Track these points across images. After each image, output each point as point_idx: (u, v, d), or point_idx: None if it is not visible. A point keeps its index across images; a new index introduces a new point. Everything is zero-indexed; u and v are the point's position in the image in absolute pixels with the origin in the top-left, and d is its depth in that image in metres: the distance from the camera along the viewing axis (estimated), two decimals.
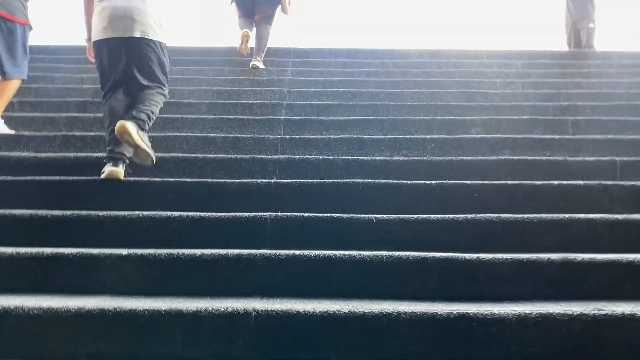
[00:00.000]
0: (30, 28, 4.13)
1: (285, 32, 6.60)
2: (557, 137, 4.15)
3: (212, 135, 4.11)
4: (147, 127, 3.22)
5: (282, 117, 4.51)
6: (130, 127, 3.05)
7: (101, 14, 3.25)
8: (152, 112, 3.25)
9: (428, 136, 4.15)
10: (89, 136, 4.03)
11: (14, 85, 4.07)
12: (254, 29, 6.04)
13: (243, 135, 4.11)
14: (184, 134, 4.12)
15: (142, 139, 3.14)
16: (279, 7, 6.08)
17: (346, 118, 4.53)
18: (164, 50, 3.35)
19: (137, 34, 3.23)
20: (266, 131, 4.38)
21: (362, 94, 5.26)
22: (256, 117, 4.51)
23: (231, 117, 4.52)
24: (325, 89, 5.36)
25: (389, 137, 4.12)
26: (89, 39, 3.46)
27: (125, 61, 3.25)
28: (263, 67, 5.95)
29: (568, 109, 4.86)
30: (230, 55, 6.45)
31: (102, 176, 3.16)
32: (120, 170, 3.16)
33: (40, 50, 6.19)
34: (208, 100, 4.92)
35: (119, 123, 3.06)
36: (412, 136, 4.16)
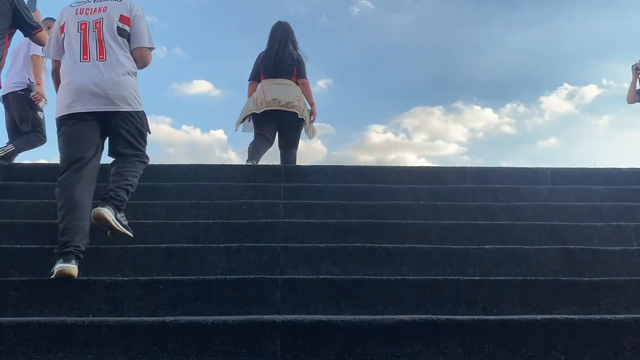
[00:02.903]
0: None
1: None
2: None
3: None
4: (125, 206, 3.03)
5: (278, 319, 2.40)
6: (108, 214, 2.89)
7: (67, 87, 3.06)
8: (132, 186, 3.10)
9: None
10: None
11: None
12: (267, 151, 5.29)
13: None
14: None
15: (120, 223, 2.97)
16: (303, 129, 5.37)
17: (394, 318, 2.44)
18: (143, 118, 3.21)
19: (112, 108, 3.04)
20: (251, 356, 2.29)
21: (402, 254, 3.27)
22: (230, 319, 2.40)
23: (183, 320, 2.41)
24: (343, 244, 3.35)
25: None
26: None
27: (100, 136, 3.10)
28: None
29: None
30: (196, 180, 4.45)
31: (52, 276, 2.66)
32: (73, 267, 2.69)
33: None
34: (144, 277, 2.80)
35: (95, 211, 2.88)
36: None
